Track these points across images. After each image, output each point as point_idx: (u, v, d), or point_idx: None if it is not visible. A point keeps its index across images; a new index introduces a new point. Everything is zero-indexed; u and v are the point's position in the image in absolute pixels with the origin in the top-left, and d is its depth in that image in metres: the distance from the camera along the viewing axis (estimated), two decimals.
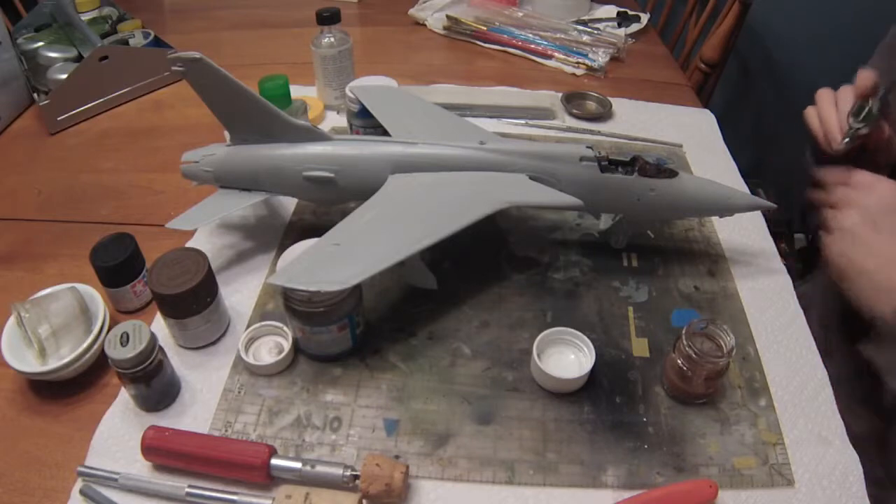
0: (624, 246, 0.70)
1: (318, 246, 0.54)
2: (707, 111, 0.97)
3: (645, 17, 1.22)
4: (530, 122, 0.92)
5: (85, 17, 1.07)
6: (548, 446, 0.52)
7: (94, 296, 0.59)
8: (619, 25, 1.19)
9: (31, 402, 0.55)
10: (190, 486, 0.48)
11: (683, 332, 0.53)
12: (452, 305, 0.64)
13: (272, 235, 0.71)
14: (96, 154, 0.87)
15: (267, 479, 0.48)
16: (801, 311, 0.64)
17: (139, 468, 0.50)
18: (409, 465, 0.49)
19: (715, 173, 0.74)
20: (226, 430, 0.53)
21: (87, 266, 0.59)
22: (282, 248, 0.66)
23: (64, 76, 0.92)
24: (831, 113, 0.61)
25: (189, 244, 0.69)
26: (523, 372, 0.58)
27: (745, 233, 0.73)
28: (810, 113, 0.64)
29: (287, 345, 0.58)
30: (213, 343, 0.60)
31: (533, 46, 1.11)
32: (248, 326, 0.61)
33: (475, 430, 0.53)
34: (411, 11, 1.23)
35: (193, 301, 0.55)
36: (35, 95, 0.92)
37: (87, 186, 0.81)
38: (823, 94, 0.63)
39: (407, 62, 1.11)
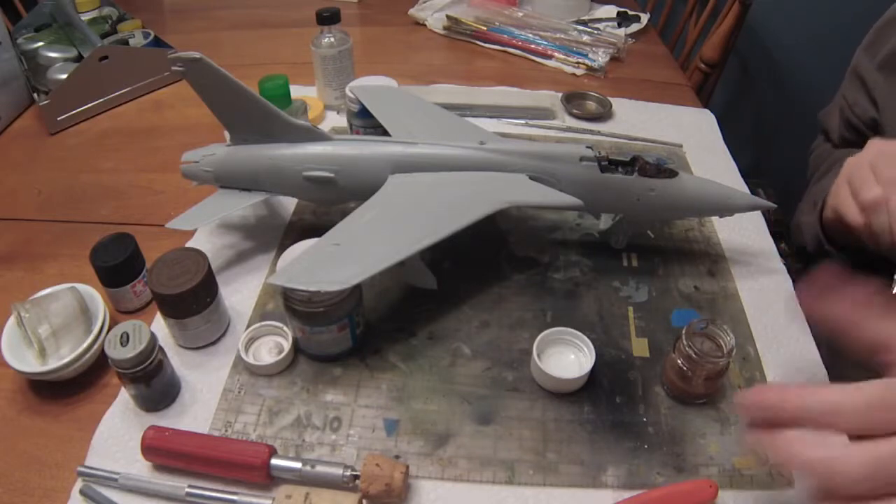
0: (624, 246, 0.70)
1: (318, 246, 0.54)
2: (707, 111, 0.97)
3: (645, 17, 1.22)
4: (530, 122, 0.92)
5: (85, 17, 1.07)
6: (548, 446, 0.52)
7: (94, 296, 0.59)
8: (619, 25, 1.19)
9: (31, 402, 0.55)
10: (190, 486, 0.48)
11: (683, 332, 0.53)
12: (452, 305, 0.64)
13: (272, 235, 0.71)
14: (96, 154, 0.87)
15: (267, 479, 0.48)
16: (801, 311, 0.64)
17: (139, 468, 0.50)
18: (409, 465, 0.49)
19: (715, 173, 0.74)
20: (226, 430, 0.53)
21: (87, 266, 0.59)
22: (282, 248, 0.66)
23: (64, 76, 0.92)
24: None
25: (189, 244, 0.69)
26: (523, 372, 0.58)
27: (745, 233, 0.73)
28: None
29: (287, 345, 0.58)
30: (213, 343, 0.60)
31: (533, 46, 1.11)
32: (248, 326, 0.61)
33: (475, 430, 0.53)
34: (411, 11, 1.23)
35: (193, 301, 0.55)
36: (35, 95, 0.92)
37: (87, 186, 0.81)
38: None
39: (407, 62, 1.11)
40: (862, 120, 0.70)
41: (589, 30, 1.14)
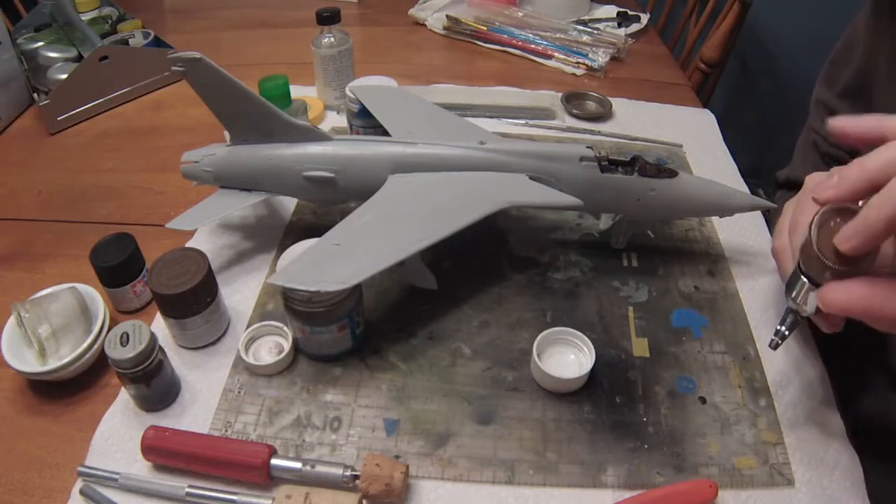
0: (624, 246, 0.70)
1: (318, 246, 0.54)
2: (707, 111, 0.97)
3: (645, 17, 1.22)
4: (530, 122, 0.92)
5: (85, 17, 1.07)
6: (548, 446, 0.52)
7: (94, 296, 0.59)
8: (619, 25, 1.19)
9: (31, 402, 0.55)
10: (190, 486, 0.48)
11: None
12: (452, 305, 0.64)
13: (272, 235, 0.71)
14: (96, 154, 0.87)
15: (267, 479, 0.48)
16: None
17: (139, 468, 0.50)
18: (409, 465, 0.49)
19: (715, 173, 0.74)
20: (226, 430, 0.53)
21: (87, 266, 0.59)
22: (282, 248, 0.66)
23: (64, 76, 0.92)
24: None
25: (189, 244, 0.69)
26: (523, 372, 0.58)
27: (745, 233, 0.73)
28: (781, 250, 0.47)
29: (287, 345, 0.58)
30: (213, 343, 0.60)
31: (533, 46, 1.11)
32: (248, 326, 0.61)
33: (475, 430, 0.53)
34: (411, 11, 1.23)
35: (193, 301, 0.55)
36: (35, 95, 0.92)
37: (87, 186, 0.81)
38: (796, 220, 0.44)
39: (407, 62, 1.11)
40: (842, 149, 0.69)
41: (589, 30, 1.14)
